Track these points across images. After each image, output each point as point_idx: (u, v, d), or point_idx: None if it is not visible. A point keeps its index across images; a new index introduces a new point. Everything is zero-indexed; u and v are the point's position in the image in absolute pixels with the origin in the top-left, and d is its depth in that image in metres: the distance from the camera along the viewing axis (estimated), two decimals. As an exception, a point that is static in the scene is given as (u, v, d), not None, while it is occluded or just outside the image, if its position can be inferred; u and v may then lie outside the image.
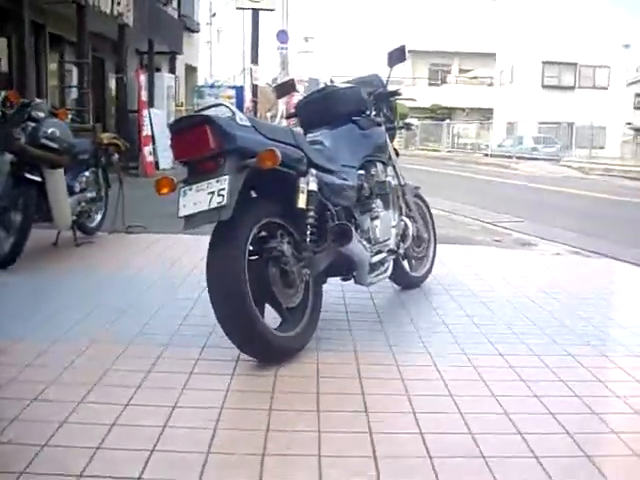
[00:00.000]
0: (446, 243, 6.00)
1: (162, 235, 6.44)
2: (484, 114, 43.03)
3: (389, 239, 3.92)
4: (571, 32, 35.05)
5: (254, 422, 2.51)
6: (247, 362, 3.09)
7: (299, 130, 3.71)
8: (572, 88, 37.85)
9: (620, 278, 5.58)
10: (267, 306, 3.19)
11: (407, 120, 4.49)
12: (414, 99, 4.91)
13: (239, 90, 19.65)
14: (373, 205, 3.82)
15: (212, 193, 2.80)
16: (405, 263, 4.48)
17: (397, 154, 4.42)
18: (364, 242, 3.59)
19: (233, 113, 2.95)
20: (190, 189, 2.89)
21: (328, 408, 2.65)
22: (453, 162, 26.53)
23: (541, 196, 13.72)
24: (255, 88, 19.53)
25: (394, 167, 4.28)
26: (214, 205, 2.79)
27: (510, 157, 28.91)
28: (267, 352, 3.06)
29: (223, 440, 2.37)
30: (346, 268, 3.60)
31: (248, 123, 2.96)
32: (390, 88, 4.29)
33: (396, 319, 3.92)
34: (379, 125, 4.09)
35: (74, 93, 12.97)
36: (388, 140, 4.19)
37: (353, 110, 3.95)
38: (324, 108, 3.92)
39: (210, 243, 2.96)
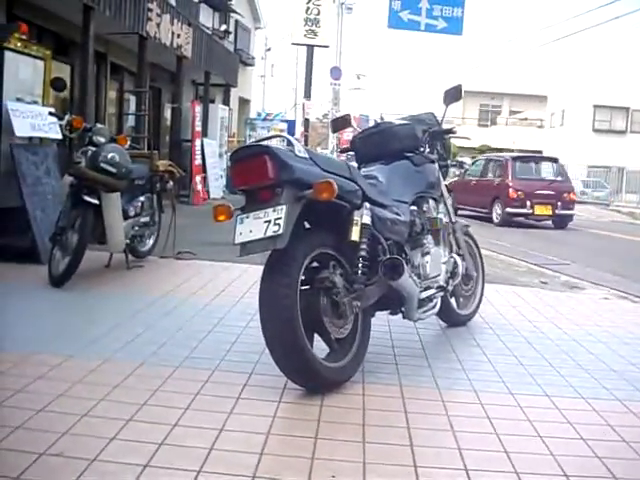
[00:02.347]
0: (493, 283, 5.99)
1: (211, 262, 6.55)
2: (533, 156, 42.72)
3: (439, 275, 3.94)
4: (624, 76, 34.87)
5: (300, 449, 2.53)
6: (294, 390, 3.12)
7: (354, 164, 3.78)
8: (623, 132, 37.53)
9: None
10: (316, 336, 3.23)
11: (460, 158, 4.53)
12: (468, 138, 4.96)
13: (291, 124, 19.94)
14: (424, 241, 3.86)
15: (268, 222, 2.87)
16: (453, 300, 4.48)
17: (449, 191, 4.45)
18: (414, 277, 3.62)
19: (292, 145, 3.02)
20: (247, 217, 2.96)
21: (373, 440, 2.66)
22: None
23: (589, 240, 13.58)
24: (307, 122, 19.78)
25: (445, 204, 4.31)
26: (270, 234, 2.85)
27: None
28: (315, 381, 3.09)
29: (269, 465, 2.40)
30: (395, 302, 3.62)
31: (306, 155, 3.03)
32: (444, 126, 4.34)
33: (442, 355, 3.92)
34: (432, 162, 4.14)
35: (131, 121, 13.28)
36: (441, 177, 4.23)
37: (407, 147, 4.01)
38: (379, 144, 3.99)
39: (264, 271, 3.01)
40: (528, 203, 15.62)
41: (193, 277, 5.90)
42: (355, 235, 3.15)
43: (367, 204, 3.26)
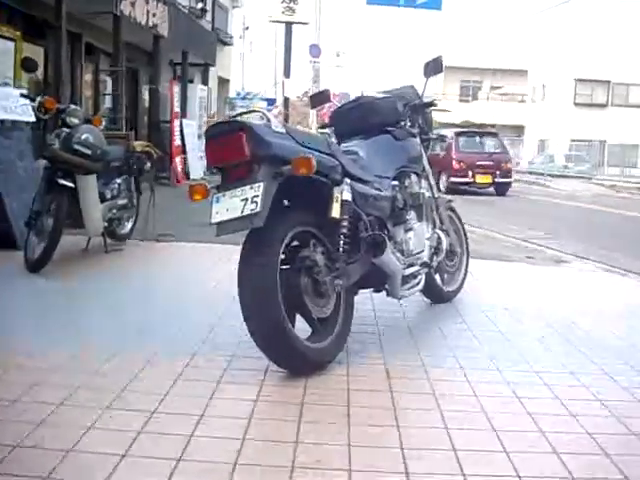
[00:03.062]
0: (478, 258, 5.92)
1: (192, 244, 6.44)
2: (515, 131, 42.80)
3: (422, 252, 3.86)
4: (605, 49, 34.80)
5: (283, 434, 2.46)
6: (276, 373, 3.04)
7: (334, 140, 3.68)
8: (605, 106, 37.56)
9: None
10: (298, 317, 3.15)
11: (442, 132, 4.43)
12: (449, 110, 4.89)
13: (271, 102, 19.75)
14: (407, 217, 3.77)
15: (245, 200, 2.77)
16: (437, 277, 4.41)
17: (431, 166, 4.36)
18: (397, 254, 3.54)
19: (268, 120, 2.92)
20: (223, 195, 2.86)
21: (358, 422, 2.59)
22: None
23: (573, 214, 13.57)
24: (286, 101, 19.60)
25: (428, 179, 4.23)
26: (247, 212, 2.75)
27: (541, 174, 28.69)
28: (297, 363, 3.01)
29: (251, 451, 2.32)
30: (378, 280, 3.55)
31: (283, 130, 2.93)
32: (425, 100, 4.24)
33: (428, 333, 3.85)
34: (414, 136, 4.05)
35: (108, 102, 13.07)
36: (423, 151, 4.14)
37: (388, 121, 3.91)
38: (359, 118, 3.89)
39: (242, 251, 2.92)
40: (470, 173, 17.49)
41: (173, 259, 5.81)
42: (335, 212, 3.06)
43: (347, 180, 3.17)
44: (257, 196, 2.75)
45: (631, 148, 30.71)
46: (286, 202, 3.15)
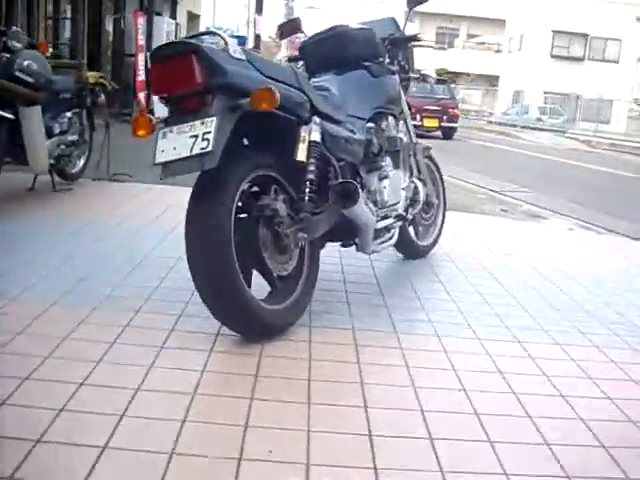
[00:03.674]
0: (452, 210, 5.56)
1: (149, 185, 5.96)
2: (489, 81, 42.36)
3: (398, 203, 3.48)
4: (584, 2, 34.27)
5: (231, 415, 2.08)
6: (229, 337, 2.66)
7: (303, 72, 3.25)
8: (581, 60, 37.17)
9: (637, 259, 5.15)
10: (255, 274, 2.76)
11: (424, 71, 4.01)
12: (433, 46, 4.42)
13: (241, 40, 19.04)
14: (382, 163, 3.37)
15: (195, 137, 2.35)
16: (412, 230, 4.04)
17: (410, 109, 3.95)
18: (370, 205, 3.15)
19: (226, 44, 2.47)
20: (170, 131, 2.43)
21: (320, 400, 2.23)
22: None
23: (548, 167, 13.26)
24: (258, 39, 18.85)
25: (406, 123, 3.82)
26: (197, 151, 2.33)
27: (514, 126, 28.38)
28: (252, 327, 2.63)
29: (192, 437, 1.95)
30: (348, 233, 3.16)
31: (243, 56, 2.49)
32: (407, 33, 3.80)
33: (400, 293, 3.49)
34: (393, 74, 3.62)
35: (68, 31, 12.35)
36: (402, 92, 3.72)
37: (365, 55, 3.47)
38: (332, 50, 3.44)
39: (191, 197, 2.51)
40: (418, 117, 17.81)
41: (127, 201, 5.35)
42: (301, 154, 2.65)
43: (316, 118, 2.76)
44: (209, 132, 2.32)
45: (606, 103, 30.41)
46: (246, 142, 2.74)
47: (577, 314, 3.38)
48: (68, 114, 5.53)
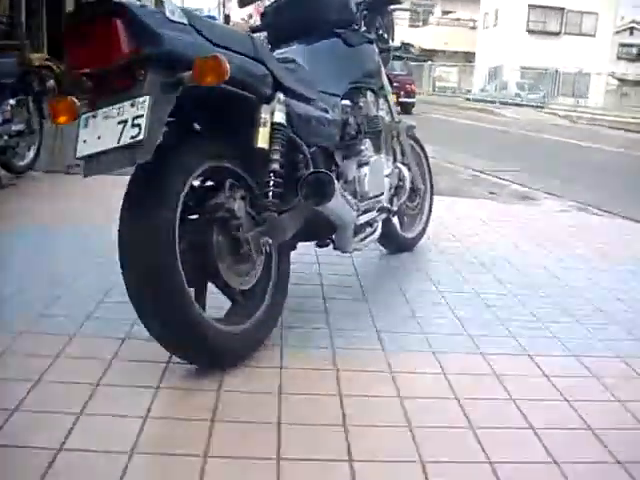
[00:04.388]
0: (437, 194, 5.09)
1: (109, 177, 5.40)
2: (465, 57, 41.86)
3: (381, 194, 2.98)
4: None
5: (182, 470, 1.61)
6: (180, 367, 2.17)
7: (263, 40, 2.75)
8: (558, 34, 36.78)
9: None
10: (213, 287, 2.26)
11: (406, 41, 3.51)
12: (417, 11, 3.91)
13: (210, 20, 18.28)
14: (361, 147, 2.87)
15: (124, 122, 1.84)
16: (396, 221, 3.57)
17: (391, 83, 3.46)
18: (349, 197, 2.66)
19: (162, 3, 1.96)
20: (94, 116, 1.92)
21: (294, 453, 1.75)
22: (436, 105, 25.41)
23: (532, 144, 12.82)
24: (227, 19, 18.19)
25: (387, 99, 3.33)
26: (126, 141, 1.82)
27: (493, 102, 27.95)
28: (206, 355, 2.13)
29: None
30: (323, 231, 2.68)
31: (183, 19, 1.97)
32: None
33: (386, 298, 3.01)
34: (370, 42, 3.12)
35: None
36: (381, 63, 3.23)
37: (337, 20, 2.96)
38: (299, 16, 2.93)
39: (125, 195, 2.01)
40: None
41: (81, 196, 4.81)
42: (262, 140, 2.15)
43: (281, 96, 2.25)
44: (140, 117, 1.82)
45: (583, 78, 30.04)
46: (197, 126, 2.25)
47: (594, 319, 2.93)
48: (11, 101, 4.99)
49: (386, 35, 3.35)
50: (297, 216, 2.31)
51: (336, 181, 2.33)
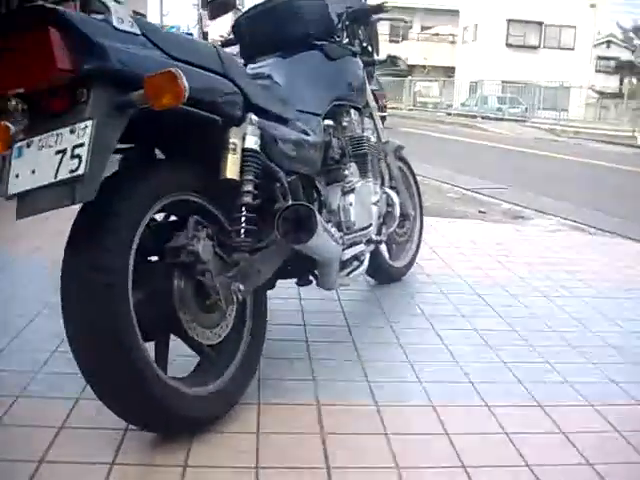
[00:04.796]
0: (424, 214, 4.82)
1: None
2: (445, 72, 41.85)
3: (370, 226, 2.68)
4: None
5: None
6: (139, 436, 1.85)
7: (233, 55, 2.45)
8: (537, 48, 36.85)
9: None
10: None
11: (393, 54, 3.24)
12: (405, 20, 3.64)
13: (188, 39, 17.96)
14: (346, 172, 2.57)
15: (62, 152, 1.53)
16: (384, 249, 3.27)
17: (377, 101, 3.17)
18: (333, 229, 2.35)
19: (107, 9, 1.65)
20: (28, 145, 1.61)
21: None
22: (416, 121, 25.25)
23: (519, 160, 12.57)
24: (205, 36, 17.89)
25: (373, 117, 3.04)
26: (64, 175, 1.52)
27: (474, 117, 27.83)
28: (168, 423, 1.81)
29: None
30: (304, 268, 2.38)
31: (135, 29, 1.67)
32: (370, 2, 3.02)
33: (375, 338, 2.70)
34: (354, 55, 2.83)
35: None
36: (366, 78, 2.94)
37: (316, 31, 2.66)
38: (274, 27, 2.62)
39: (69, 236, 1.70)
40: None
41: (26, 228, 4.46)
42: (232, 170, 1.85)
43: (253, 117, 1.95)
44: (81, 145, 1.51)
45: (564, 91, 29.99)
46: (159, 153, 1.95)
47: (607, 357, 2.64)
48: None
49: (370, 48, 3.07)
50: (274, 256, 2.01)
51: (318, 215, 2.02)
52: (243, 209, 1.89)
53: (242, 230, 1.87)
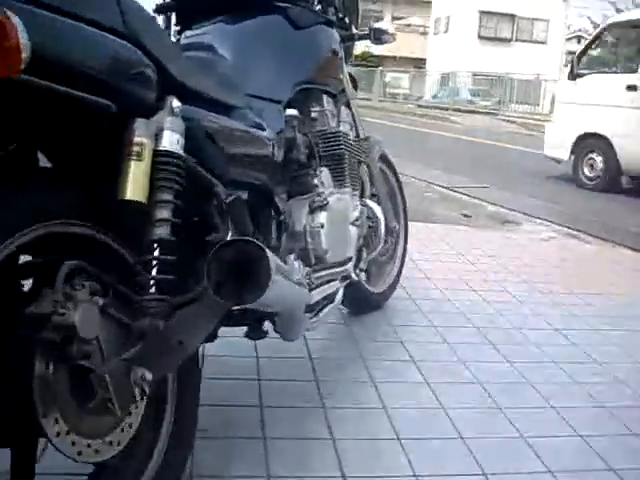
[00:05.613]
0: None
1: None
2: (416, 64, 41.33)
3: (349, 260, 2.00)
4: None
5: None
6: None
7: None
8: (509, 40, 36.53)
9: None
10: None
11: (377, 25, 2.56)
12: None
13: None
14: (315, 180, 1.88)
15: None
16: (362, 275, 2.61)
17: (355, 86, 2.50)
18: (296, 265, 1.67)
19: None
20: None
21: None
22: (387, 112, 24.56)
23: (496, 155, 11.96)
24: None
25: (350, 106, 2.37)
26: None
27: (446, 109, 27.30)
28: None
29: None
30: (255, 317, 1.70)
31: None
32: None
33: (351, 390, 2.06)
34: (329, 25, 2.13)
35: None
36: (343, 56, 2.25)
37: (278, -8, 1.98)
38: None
39: None
40: None
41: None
42: (134, 186, 1.15)
43: (175, 102, 1.25)
44: None
45: (535, 85, 29.59)
46: (44, 159, 1.24)
47: (621, 400, 2.03)
48: None
49: (347, 18, 2.39)
50: (206, 315, 1.31)
51: (272, 257, 1.32)
52: (155, 247, 1.20)
53: (151, 281, 1.18)
